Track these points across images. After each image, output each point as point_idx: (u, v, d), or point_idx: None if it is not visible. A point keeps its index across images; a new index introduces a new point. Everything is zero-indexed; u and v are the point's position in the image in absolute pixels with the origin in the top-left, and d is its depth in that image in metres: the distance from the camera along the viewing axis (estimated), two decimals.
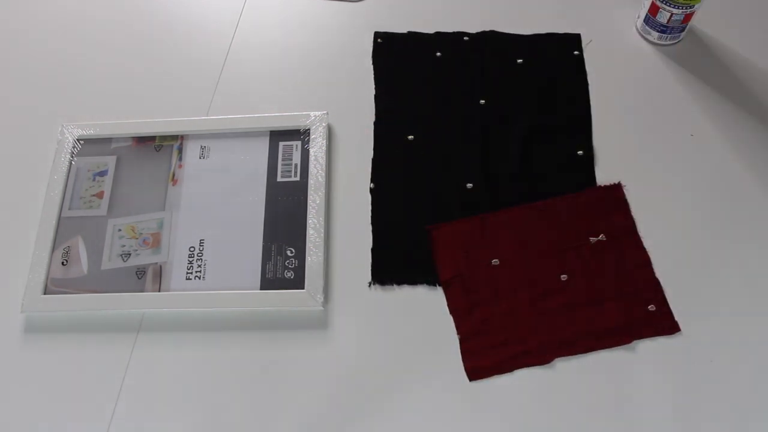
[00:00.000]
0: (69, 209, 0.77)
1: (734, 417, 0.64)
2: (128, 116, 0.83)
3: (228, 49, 0.89)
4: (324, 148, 0.79)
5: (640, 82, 0.83)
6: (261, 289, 0.72)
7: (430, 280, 0.72)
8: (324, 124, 0.80)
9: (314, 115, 0.80)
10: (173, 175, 0.79)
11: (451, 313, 0.70)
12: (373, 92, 0.84)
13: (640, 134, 0.80)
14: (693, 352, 0.67)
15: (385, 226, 0.76)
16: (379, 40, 0.88)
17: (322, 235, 0.74)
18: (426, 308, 0.71)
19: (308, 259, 0.72)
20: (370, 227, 0.76)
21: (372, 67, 0.86)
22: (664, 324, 0.69)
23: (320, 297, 0.70)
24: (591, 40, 0.86)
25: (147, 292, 0.72)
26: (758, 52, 0.84)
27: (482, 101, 0.82)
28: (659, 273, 0.71)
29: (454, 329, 0.70)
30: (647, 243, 0.73)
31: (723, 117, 0.80)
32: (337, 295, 0.72)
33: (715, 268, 0.71)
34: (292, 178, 0.78)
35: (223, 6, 0.93)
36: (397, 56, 0.87)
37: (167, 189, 0.78)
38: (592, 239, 0.73)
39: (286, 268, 0.72)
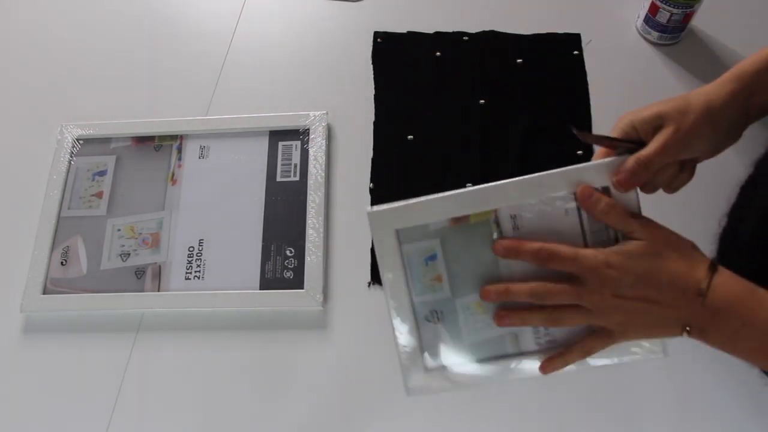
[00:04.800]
0: (68, 209, 0.77)
1: (734, 417, 0.64)
2: (128, 116, 0.83)
3: (227, 49, 0.89)
4: (323, 148, 0.78)
5: (640, 82, 0.83)
6: (260, 289, 0.72)
7: None
8: (323, 124, 0.80)
9: (314, 115, 0.80)
10: (173, 175, 0.79)
11: None
12: (373, 92, 0.84)
13: None
14: (693, 352, 0.67)
15: None
16: (378, 39, 0.88)
17: (322, 235, 0.74)
18: None
19: (307, 259, 0.72)
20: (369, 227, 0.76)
21: (372, 67, 0.86)
22: None
23: (319, 297, 0.70)
24: (591, 40, 0.86)
25: (146, 292, 0.72)
26: None
27: (482, 101, 0.82)
28: None
29: None
30: None
31: None
32: (336, 295, 0.72)
33: None
34: (292, 178, 0.78)
35: (222, 6, 0.93)
36: (396, 56, 0.87)
37: (167, 189, 0.78)
38: None
39: (285, 268, 0.72)
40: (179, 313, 0.72)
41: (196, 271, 0.73)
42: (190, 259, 0.74)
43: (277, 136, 0.80)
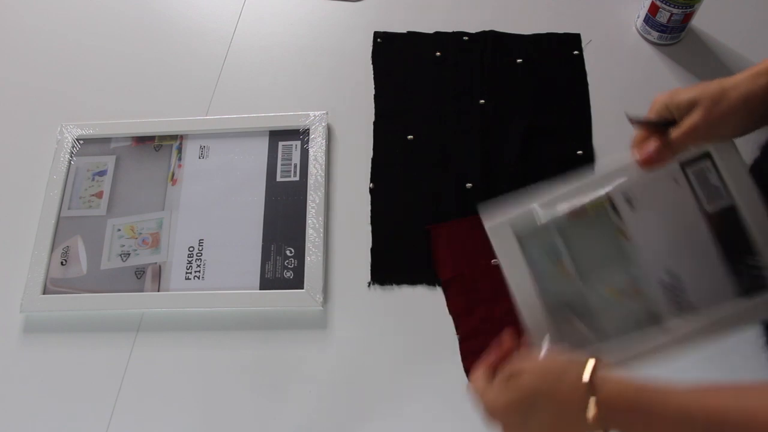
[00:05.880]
0: (68, 209, 0.77)
1: None
2: (128, 116, 0.83)
3: (227, 49, 0.89)
4: (323, 147, 0.78)
5: (640, 82, 0.83)
6: (260, 288, 0.72)
7: (430, 280, 0.72)
8: (323, 124, 0.80)
9: (314, 115, 0.80)
10: (173, 174, 0.79)
11: (450, 313, 0.70)
12: (373, 92, 0.84)
13: None
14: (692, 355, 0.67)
15: (385, 226, 0.75)
16: (378, 39, 0.88)
17: (322, 235, 0.74)
18: (425, 308, 0.71)
19: (307, 259, 0.72)
20: (369, 227, 0.76)
21: (372, 66, 0.86)
22: None
23: (319, 297, 0.70)
24: (591, 40, 0.86)
25: (146, 292, 0.72)
26: (758, 52, 0.84)
27: (482, 101, 0.82)
28: None
29: (454, 329, 0.69)
30: None
31: None
32: (336, 295, 0.72)
33: None
34: (292, 178, 0.78)
35: (222, 6, 0.93)
36: (396, 56, 0.87)
37: (167, 189, 0.78)
38: None
39: (285, 267, 0.72)
40: (179, 313, 0.72)
41: (196, 271, 0.73)
42: (190, 259, 0.74)
43: (277, 136, 0.80)
